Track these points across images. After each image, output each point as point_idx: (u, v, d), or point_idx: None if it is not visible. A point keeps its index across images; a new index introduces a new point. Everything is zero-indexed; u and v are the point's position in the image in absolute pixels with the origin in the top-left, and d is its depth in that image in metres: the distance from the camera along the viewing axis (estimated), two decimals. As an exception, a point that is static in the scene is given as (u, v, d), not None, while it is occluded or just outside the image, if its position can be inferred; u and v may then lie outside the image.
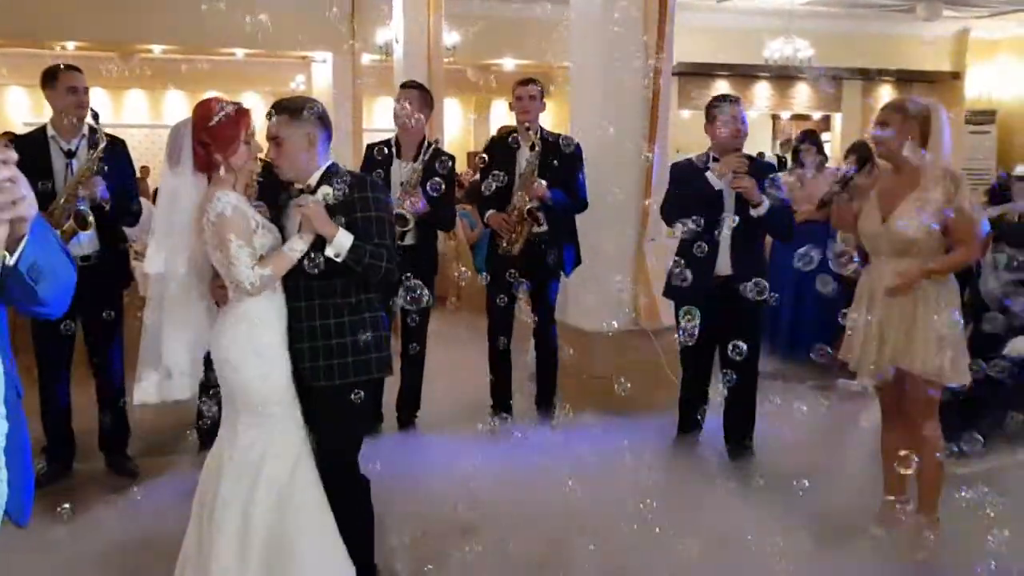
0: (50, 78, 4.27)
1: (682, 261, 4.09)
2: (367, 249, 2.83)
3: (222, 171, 2.85)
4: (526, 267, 4.76)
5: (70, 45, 13.03)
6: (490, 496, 3.70)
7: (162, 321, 2.85)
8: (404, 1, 8.65)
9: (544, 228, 4.82)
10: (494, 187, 4.46)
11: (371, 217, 2.89)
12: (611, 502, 3.58)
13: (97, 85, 16.30)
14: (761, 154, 13.07)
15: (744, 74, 15.58)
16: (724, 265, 4.25)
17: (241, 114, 2.87)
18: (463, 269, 5.38)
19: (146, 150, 16.59)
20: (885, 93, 15.88)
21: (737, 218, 4.11)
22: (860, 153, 4.20)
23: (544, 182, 4.68)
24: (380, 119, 12.55)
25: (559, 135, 4.93)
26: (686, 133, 12.94)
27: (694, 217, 4.07)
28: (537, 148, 4.73)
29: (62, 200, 4.06)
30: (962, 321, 3.48)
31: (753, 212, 4.18)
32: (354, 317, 2.92)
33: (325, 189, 2.87)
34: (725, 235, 4.17)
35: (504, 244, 4.79)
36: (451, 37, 10.12)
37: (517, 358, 5.15)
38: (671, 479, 3.84)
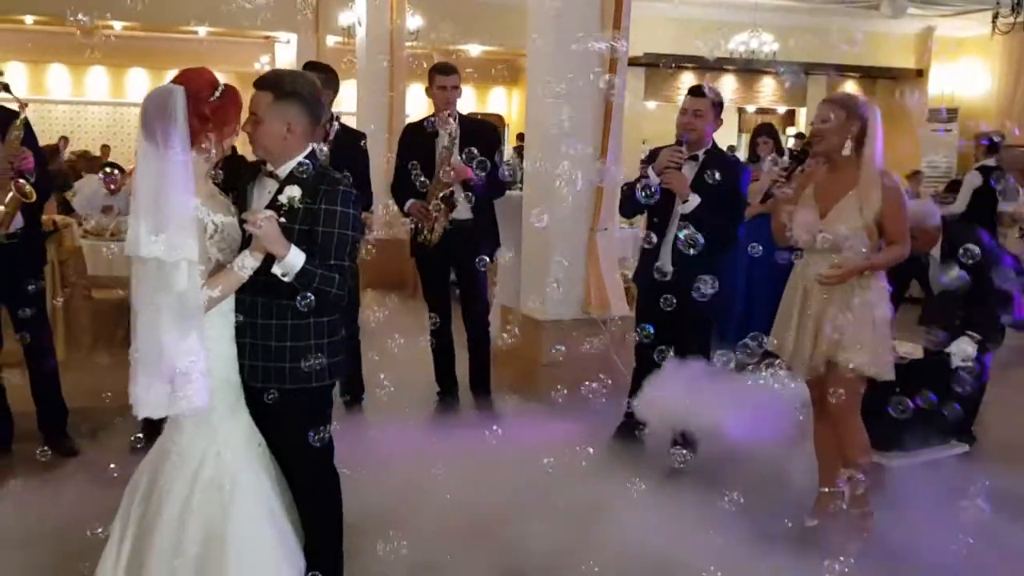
0: None
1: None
2: (317, 274, 2.62)
3: (212, 151, 2.67)
4: (452, 254, 4.80)
5: (28, 19, 12.78)
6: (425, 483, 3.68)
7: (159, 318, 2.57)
8: (367, -16, 8.57)
9: (468, 217, 4.84)
10: (412, 176, 4.42)
11: (332, 234, 2.66)
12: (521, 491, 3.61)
13: (58, 61, 16.12)
14: (732, 147, 13.17)
15: (710, 67, 15.63)
16: (666, 262, 4.24)
17: (236, 92, 2.71)
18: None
19: (107, 128, 16.39)
20: (850, 88, 16.02)
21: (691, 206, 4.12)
22: (799, 149, 4.22)
23: (459, 159, 4.58)
24: (345, 102, 12.48)
25: (478, 119, 4.96)
26: (652, 124, 13.02)
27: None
28: (453, 134, 4.71)
29: None
30: (891, 316, 3.55)
31: (680, 208, 4.19)
32: (297, 321, 2.71)
33: (293, 192, 2.66)
34: (670, 232, 4.20)
35: (425, 233, 4.78)
36: (414, 21, 10.06)
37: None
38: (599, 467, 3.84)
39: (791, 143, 11.38)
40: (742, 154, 11.88)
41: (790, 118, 17.29)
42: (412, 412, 4.64)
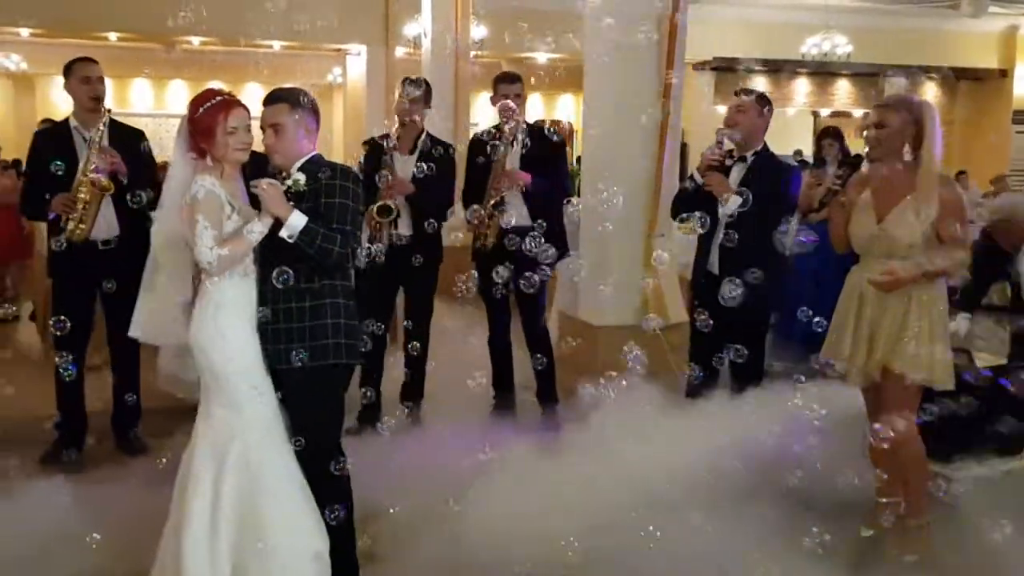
0: (66, 71, 4.43)
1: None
2: (320, 232, 2.87)
3: (208, 159, 2.97)
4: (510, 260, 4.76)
5: (112, 36, 13.30)
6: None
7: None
8: (432, -5, 8.71)
9: (528, 223, 4.78)
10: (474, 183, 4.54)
11: (334, 203, 2.94)
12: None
13: (140, 76, 16.75)
14: (799, 152, 12.91)
15: (782, 70, 15.38)
16: (713, 263, 4.22)
17: (223, 107, 2.95)
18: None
19: (187, 140, 16.92)
20: (931, 91, 15.59)
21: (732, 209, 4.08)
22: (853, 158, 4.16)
23: (515, 169, 4.70)
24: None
25: (544, 126, 4.95)
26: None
27: (699, 213, 4.09)
28: (515, 143, 4.75)
29: (80, 175, 4.20)
30: (949, 323, 3.46)
31: (721, 209, 4.15)
32: (315, 303, 2.95)
33: (297, 175, 2.96)
34: (718, 232, 4.17)
35: (481, 239, 4.82)
36: (479, 31, 10.17)
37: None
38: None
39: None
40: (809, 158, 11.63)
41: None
42: (465, 415, 4.68)
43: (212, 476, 2.82)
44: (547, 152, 4.79)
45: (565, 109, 17.79)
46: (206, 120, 2.94)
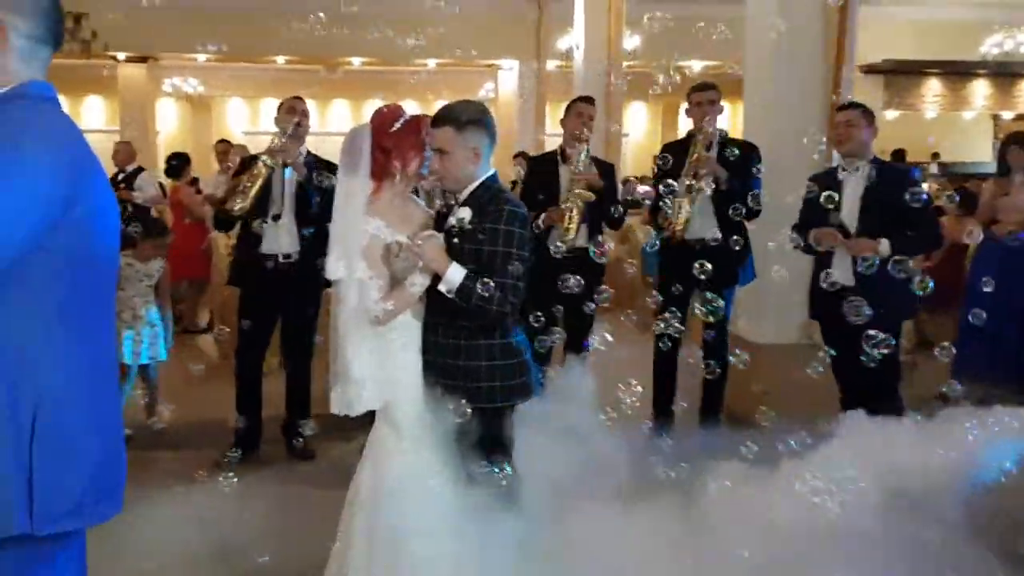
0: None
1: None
2: (476, 291, 2.69)
3: (397, 179, 2.85)
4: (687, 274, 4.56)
5: (280, 59, 14.00)
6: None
7: (343, 330, 2.85)
8: (585, 8, 8.64)
9: (717, 236, 4.63)
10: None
11: (496, 251, 2.73)
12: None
13: (305, 95, 17.54)
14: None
15: (959, 71, 14.40)
16: (837, 274, 4.06)
17: (419, 121, 2.87)
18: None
19: (347, 156, 17.62)
20: None
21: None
22: None
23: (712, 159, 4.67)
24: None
25: (738, 139, 4.85)
26: (894, 134, 12.11)
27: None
28: (708, 148, 4.66)
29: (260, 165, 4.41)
30: None
31: (860, 267, 3.96)
32: (472, 342, 2.79)
33: (462, 213, 2.78)
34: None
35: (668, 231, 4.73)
36: (632, 41, 10.01)
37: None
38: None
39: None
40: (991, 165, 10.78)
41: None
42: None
43: (371, 505, 2.77)
44: (738, 159, 4.61)
45: (721, 117, 17.32)
46: (409, 135, 2.83)
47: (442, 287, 2.72)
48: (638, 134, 17.76)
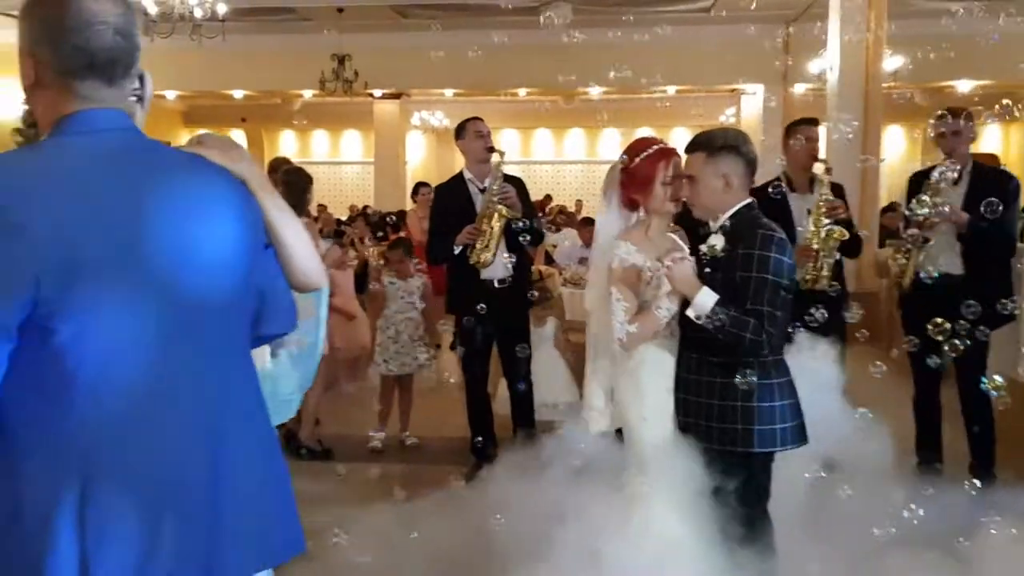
0: (460, 129, 4.84)
1: None
2: (727, 317, 2.56)
3: (641, 212, 2.88)
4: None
5: (521, 92, 14.41)
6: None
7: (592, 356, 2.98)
8: (840, 29, 8.20)
9: (959, 272, 4.22)
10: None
11: (750, 278, 2.58)
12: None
13: (542, 125, 17.95)
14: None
15: None
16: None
17: (660, 156, 2.85)
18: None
19: (581, 185, 17.84)
20: None
21: None
22: None
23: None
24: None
25: (995, 167, 4.52)
26: None
27: None
28: (950, 180, 4.20)
29: (484, 208, 4.58)
30: None
31: None
32: (725, 380, 2.63)
33: (713, 240, 2.69)
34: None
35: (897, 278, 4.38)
36: (893, 61, 9.36)
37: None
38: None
39: None
40: None
41: None
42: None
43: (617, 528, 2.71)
44: (997, 194, 4.14)
45: (990, 140, 15.86)
46: (644, 170, 2.84)
47: (690, 312, 2.62)
48: (893, 156, 16.68)
